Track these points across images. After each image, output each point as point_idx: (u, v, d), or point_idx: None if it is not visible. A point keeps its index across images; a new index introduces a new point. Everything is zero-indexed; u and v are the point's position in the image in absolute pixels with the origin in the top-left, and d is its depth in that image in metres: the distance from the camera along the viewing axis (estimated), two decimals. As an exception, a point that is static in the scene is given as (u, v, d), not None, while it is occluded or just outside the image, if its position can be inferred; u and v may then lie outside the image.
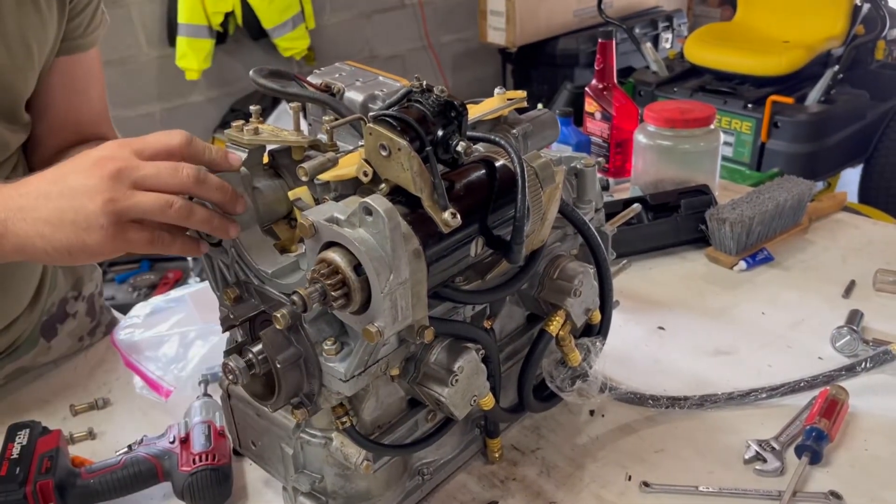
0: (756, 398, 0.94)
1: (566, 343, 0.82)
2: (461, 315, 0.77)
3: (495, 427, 0.86)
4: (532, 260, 0.77)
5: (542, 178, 0.71)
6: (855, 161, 3.00)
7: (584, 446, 0.90)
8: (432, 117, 0.65)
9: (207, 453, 0.81)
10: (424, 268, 0.63)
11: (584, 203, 0.88)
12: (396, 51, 3.73)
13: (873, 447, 0.88)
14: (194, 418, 0.86)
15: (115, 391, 1.05)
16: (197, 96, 3.24)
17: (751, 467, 0.85)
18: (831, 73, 2.78)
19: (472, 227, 0.69)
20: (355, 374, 0.65)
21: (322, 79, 0.82)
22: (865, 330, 1.07)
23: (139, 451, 0.83)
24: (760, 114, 2.74)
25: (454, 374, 0.69)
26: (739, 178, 1.82)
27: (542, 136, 0.88)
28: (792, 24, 3.00)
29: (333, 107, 0.78)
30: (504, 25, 3.48)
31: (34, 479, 0.77)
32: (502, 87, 0.87)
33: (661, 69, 3.14)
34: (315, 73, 0.85)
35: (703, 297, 1.20)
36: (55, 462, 0.79)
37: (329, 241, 0.61)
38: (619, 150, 1.60)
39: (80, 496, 0.80)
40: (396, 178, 0.65)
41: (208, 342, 1.02)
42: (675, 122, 1.39)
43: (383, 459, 0.74)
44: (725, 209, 1.27)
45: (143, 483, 0.82)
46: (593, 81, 1.61)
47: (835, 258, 1.28)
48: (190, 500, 0.81)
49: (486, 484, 0.85)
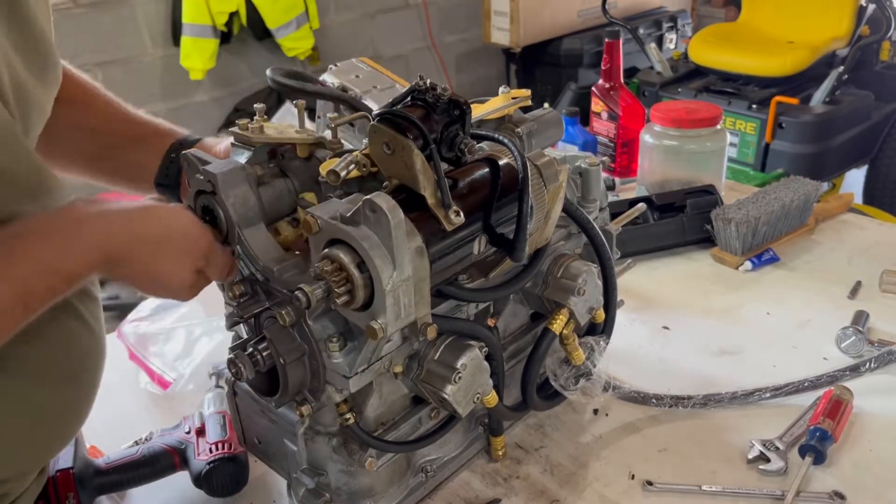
0: (760, 398, 0.94)
1: (570, 342, 0.82)
2: (464, 313, 0.77)
3: (499, 425, 0.86)
4: (536, 258, 0.77)
5: (546, 176, 0.71)
6: (859, 162, 2.99)
7: (587, 445, 0.90)
8: (436, 115, 0.66)
9: (224, 442, 0.83)
10: (427, 265, 0.63)
11: (589, 202, 0.89)
12: (400, 51, 3.73)
13: (877, 448, 0.87)
14: (208, 409, 0.87)
15: (121, 386, 1.05)
16: (201, 96, 3.24)
17: (754, 467, 0.85)
18: (836, 73, 2.78)
19: (475, 225, 0.69)
20: (359, 370, 0.65)
21: (339, 77, 0.83)
22: (871, 331, 1.06)
23: (156, 442, 0.84)
24: (765, 114, 2.73)
25: (457, 371, 0.69)
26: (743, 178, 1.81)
27: (547, 136, 0.88)
28: (796, 24, 2.99)
29: (354, 106, 0.78)
30: (508, 26, 3.48)
31: (54, 468, 0.78)
32: (506, 86, 0.87)
33: (666, 70, 3.13)
34: (331, 70, 0.85)
35: (708, 297, 1.20)
36: (74, 453, 0.80)
37: (333, 239, 0.61)
38: (625, 149, 1.60)
39: (98, 486, 0.81)
40: (400, 176, 0.66)
41: (213, 338, 1.03)
42: (681, 122, 1.39)
43: (386, 456, 0.74)
44: (731, 209, 1.26)
45: (160, 472, 0.83)
46: (600, 81, 1.61)
47: (841, 259, 1.28)
48: (208, 488, 0.82)
49: (490, 482, 0.85)
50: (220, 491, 0.82)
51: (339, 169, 0.66)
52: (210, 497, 0.83)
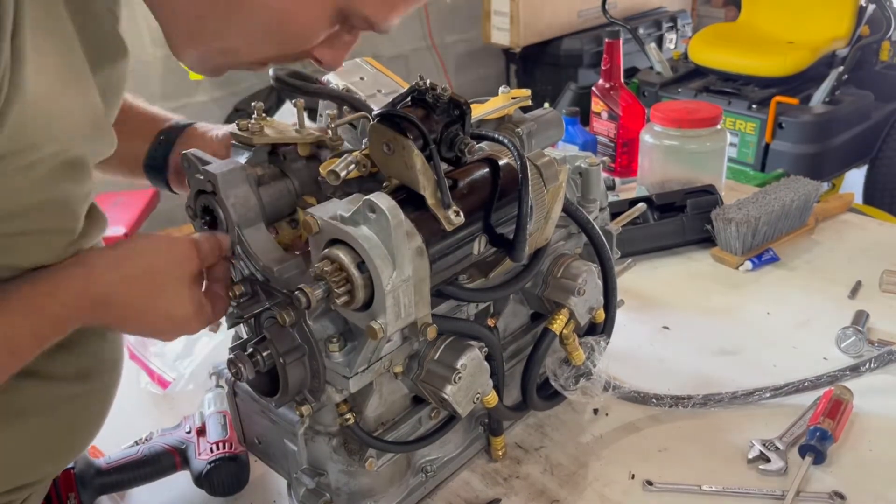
0: (760, 398, 0.94)
1: (570, 342, 0.82)
2: (464, 313, 0.77)
3: (499, 425, 0.86)
4: (535, 258, 0.77)
5: (546, 176, 0.71)
6: (859, 162, 2.99)
7: (587, 445, 0.90)
8: (436, 115, 0.66)
9: (224, 442, 0.83)
10: (427, 265, 0.63)
11: (589, 202, 0.89)
12: (400, 51, 3.73)
13: (877, 447, 0.87)
14: (208, 409, 0.87)
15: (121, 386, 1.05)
16: (201, 96, 3.24)
17: (754, 467, 0.85)
18: (836, 73, 2.77)
19: (475, 225, 0.69)
20: (359, 370, 0.65)
21: (343, 78, 0.83)
22: (871, 331, 1.06)
23: (157, 441, 0.84)
24: (765, 115, 2.73)
25: (457, 371, 0.69)
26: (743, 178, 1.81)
27: (547, 135, 0.88)
28: (796, 24, 2.99)
29: (356, 106, 0.78)
30: (508, 26, 3.48)
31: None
32: (506, 86, 0.87)
33: (666, 70, 3.13)
34: (335, 70, 0.85)
35: (709, 296, 1.20)
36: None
37: (333, 239, 0.61)
38: (625, 149, 1.60)
39: (99, 486, 0.81)
40: (400, 176, 0.66)
41: (214, 338, 1.03)
42: (681, 122, 1.39)
43: (387, 456, 0.74)
44: (731, 209, 1.26)
45: (161, 472, 0.84)
46: (600, 81, 1.61)
47: (841, 259, 1.28)
48: (209, 487, 0.82)
49: (490, 482, 0.85)
50: (221, 490, 0.82)
51: (339, 169, 0.66)
52: (211, 497, 0.83)
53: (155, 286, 0.66)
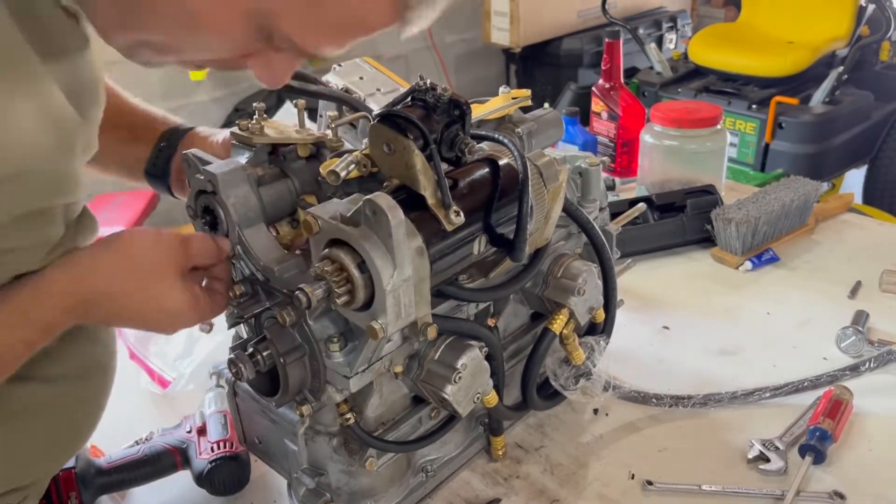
0: (760, 397, 0.94)
1: (570, 341, 0.82)
2: (465, 313, 0.77)
3: (499, 425, 0.86)
4: (536, 258, 0.77)
5: (546, 176, 0.71)
6: (859, 162, 2.99)
7: (587, 445, 0.90)
8: (436, 115, 0.66)
9: (225, 441, 0.83)
10: (428, 265, 0.63)
11: (589, 202, 0.89)
12: (400, 51, 3.73)
13: (877, 447, 0.87)
14: (209, 408, 0.87)
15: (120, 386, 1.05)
16: (201, 96, 3.24)
17: (754, 467, 0.85)
18: (836, 74, 2.77)
19: (475, 225, 0.69)
20: (359, 370, 0.65)
21: (343, 78, 0.83)
22: (871, 331, 1.06)
23: (157, 441, 0.85)
24: (764, 115, 2.73)
25: (457, 371, 0.69)
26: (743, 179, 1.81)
27: (547, 135, 0.88)
28: (796, 24, 2.99)
29: (356, 106, 0.78)
30: (508, 26, 3.48)
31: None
32: (506, 86, 0.87)
33: (665, 70, 3.13)
34: (335, 70, 0.85)
35: (709, 296, 1.20)
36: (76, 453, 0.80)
37: (333, 239, 0.61)
38: (625, 149, 1.60)
39: (100, 486, 0.81)
40: (400, 176, 0.66)
41: (214, 338, 1.03)
42: (681, 122, 1.39)
43: (387, 456, 0.75)
44: (731, 209, 1.27)
45: (162, 472, 0.84)
46: (600, 81, 1.61)
47: (841, 259, 1.28)
48: (210, 487, 0.82)
49: (490, 481, 0.85)
50: (222, 490, 0.83)
51: (339, 169, 0.66)
52: (211, 496, 0.83)
53: (141, 278, 0.65)
